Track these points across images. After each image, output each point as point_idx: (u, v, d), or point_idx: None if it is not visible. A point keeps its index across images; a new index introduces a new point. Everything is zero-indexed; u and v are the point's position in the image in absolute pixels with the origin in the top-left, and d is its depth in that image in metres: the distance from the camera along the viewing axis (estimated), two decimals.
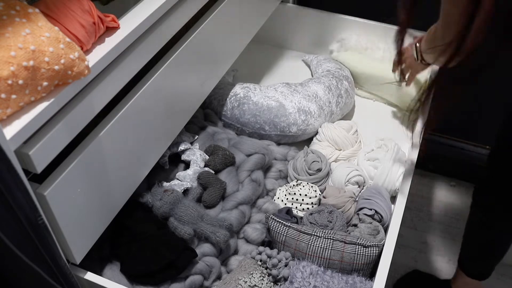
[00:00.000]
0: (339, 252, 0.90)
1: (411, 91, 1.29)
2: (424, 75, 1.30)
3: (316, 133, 1.22)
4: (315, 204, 1.06)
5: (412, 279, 1.48)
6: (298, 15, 1.47)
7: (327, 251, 0.91)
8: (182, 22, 0.91)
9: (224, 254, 0.97)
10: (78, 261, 0.79)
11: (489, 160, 1.13)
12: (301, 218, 1.03)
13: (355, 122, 1.25)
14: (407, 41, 1.00)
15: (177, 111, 0.99)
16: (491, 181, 1.15)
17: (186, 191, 1.03)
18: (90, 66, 0.67)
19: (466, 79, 1.05)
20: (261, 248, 0.94)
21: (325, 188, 1.09)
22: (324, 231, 0.93)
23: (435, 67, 1.11)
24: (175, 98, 0.96)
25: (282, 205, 1.07)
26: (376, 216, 1.00)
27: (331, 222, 0.99)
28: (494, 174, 1.13)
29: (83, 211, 0.76)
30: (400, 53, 1.04)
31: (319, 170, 1.11)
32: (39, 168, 0.65)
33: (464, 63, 0.87)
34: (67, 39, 0.64)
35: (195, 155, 1.08)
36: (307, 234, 0.93)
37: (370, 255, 0.90)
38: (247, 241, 1.01)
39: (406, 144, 1.21)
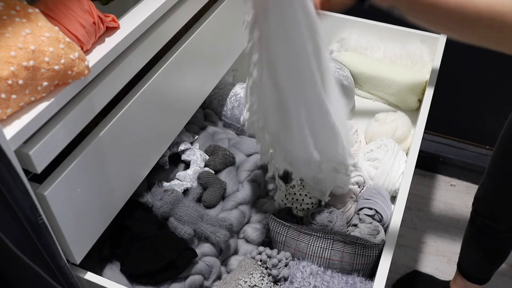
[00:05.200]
0: (339, 252, 0.90)
1: (412, 91, 1.29)
2: (424, 76, 1.30)
3: None
4: (315, 204, 1.06)
5: (412, 279, 1.48)
6: None
7: (327, 251, 0.91)
8: (182, 22, 0.91)
9: (224, 254, 0.97)
10: (78, 261, 0.79)
11: (490, 169, 1.11)
12: (301, 218, 1.03)
13: (355, 122, 1.25)
14: None
15: (177, 111, 0.99)
16: (492, 192, 1.13)
17: (186, 191, 1.03)
18: (90, 66, 0.67)
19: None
20: (261, 248, 0.94)
21: None
22: (324, 231, 0.93)
23: None
24: (175, 98, 0.96)
25: (282, 205, 1.07)
26: (376, 216, 1.00)
27: (331, 222, 0.99)
28: (495, 184, 1.11)
29: (83, 211, 0.76)
30: None
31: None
32: (39, 168, 0.65)
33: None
34: (67, 39, 0.64)
35: (195, 155, 1.08)
36: (307, 234, 0.93)
37: (370, 255, 0.90)
38: (247, 241, 1.01)
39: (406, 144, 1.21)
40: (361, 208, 1.02)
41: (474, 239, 1.23)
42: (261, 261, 0.92)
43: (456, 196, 1.72)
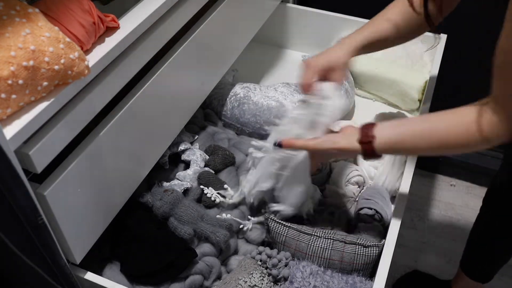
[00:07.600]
0: (339, 252, 0.90)
1: (412, 91, 1.29)
2: (424, 76, 1.30)
3: None
4: (315, 204, 1.06)
5: (412, 279, 1.48)
6: (298, 15, 1.47)
7: (327, 251, 0.91)
8: (182, 22, 0.91)
9: (224, 254, 0.97)
10: (78, 261, 0.79)
11: (506, 165, 1.11)
12: (301, 217, 1.03)
13: (355, 122, 1.25)
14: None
15: (177, 111, 0.99)
16: (506, 187, 1.12)
17: (186, 191, 1.03)
18: (90, 66, 0.67)
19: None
20: (261, 248, 0.94)
21: (325, 188, 1.09)
22: (324, 231, 0.93)
23: None
24: (175, 98, 0.96)
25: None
26: (376, 216, 1.00)
27: (331, 222, 0.99)
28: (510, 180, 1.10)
29: (83, 211, 0.76)
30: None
31: (319, 170, 1.11)
32: (39, 168, 0.65)
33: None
34: (67, 39, 0.64)
35: (195, 155, 1.08)
36: (307, 234, 0.93)
37: (370, 255, 0.90)
38: (247, 241, 1.01)
39: None
40: (361, 208, 1.02)
41: (483, 234, 1.22)
42: (261, 261, 0.92)
43: (456, 196, 1.72)
